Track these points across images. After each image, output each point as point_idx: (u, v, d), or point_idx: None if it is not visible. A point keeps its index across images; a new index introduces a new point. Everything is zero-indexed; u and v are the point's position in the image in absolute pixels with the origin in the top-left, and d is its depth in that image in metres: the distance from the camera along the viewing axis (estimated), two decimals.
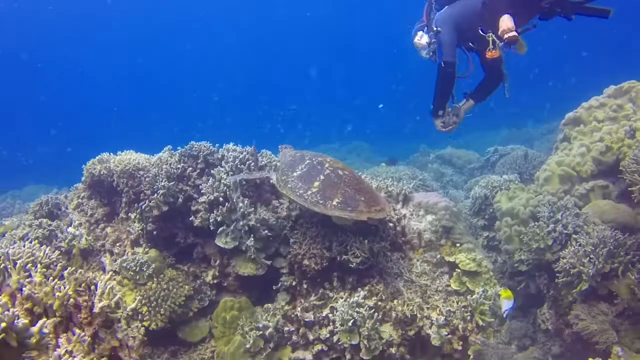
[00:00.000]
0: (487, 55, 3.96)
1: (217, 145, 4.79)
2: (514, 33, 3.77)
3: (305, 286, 4.09)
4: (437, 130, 4.69)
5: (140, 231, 4.40)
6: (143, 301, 3.96)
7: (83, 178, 4.98)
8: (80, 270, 2.55)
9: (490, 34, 3.94)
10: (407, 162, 14.25)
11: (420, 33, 4.67)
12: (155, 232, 4.39)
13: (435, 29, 4.34)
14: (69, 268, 2.45)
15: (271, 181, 4.73)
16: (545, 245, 4.92)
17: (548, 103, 18.54)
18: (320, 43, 46.30)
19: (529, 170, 9.97)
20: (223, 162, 4.53)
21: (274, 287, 4.22)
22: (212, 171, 4.42)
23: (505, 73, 4.46)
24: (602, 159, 5.54)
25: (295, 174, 3.97)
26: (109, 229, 4.68)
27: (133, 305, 3.05)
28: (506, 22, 3.80)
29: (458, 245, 4.73)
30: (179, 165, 4.49)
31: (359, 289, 3.90)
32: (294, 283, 4.15)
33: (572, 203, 5.11)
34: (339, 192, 3.74)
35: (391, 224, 4.51)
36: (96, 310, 2.31)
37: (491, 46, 3.92)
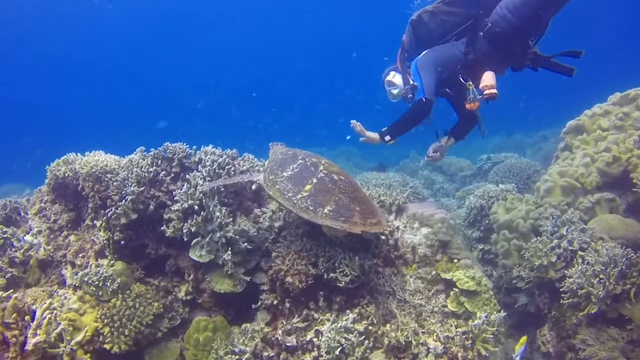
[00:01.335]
0: (466, 106, 3.98)
1: (194, 147, 4.36)
2: (495, 91, 3.85)
3: (287, 305, 3.68)
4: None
5: (105, 241, 3.94)
6: (105, 320, 3.51)
7: (47, 180, 4.52)
8: (16, 295, 2.11)
9: (470, 83, 3.94)
10: (397, 168, 13.89)
11: (392, 73, 4.66)
12: (122, 242, 3.94)
13: (412, 82, 4.30)
14: (1, 293, 2.00)
15: (255, 183, 4.31)
16: (549, 262, 4.56)
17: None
18: (310, 53, 46.37)
19: (524, 179, 9.66)
20: (200, 166, 4.11)
21: (253, 306, 3.81)
22: (187, 176, 3.99)
23: (479, 116, 4.51)
24: (607, 170, 5.21)
25: (285, 174, 3.56)
26: (72, 238, 4.22)
27: (79, 338, 2.61)
28: (490, 79, 3.87)
29: (455, 261, 4.35)
30: (151, 169, 4.04)
31: (348, 311, 3.49)
32: (275, 302, 3.74)
33: (577, 217, 4.76)
34: (332, 199, 3.34)
35: (383, 237, 4.13)
36: (29, 347, 1.88)
37: (471, 96, 3.92)
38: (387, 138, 4.31)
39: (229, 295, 3.86)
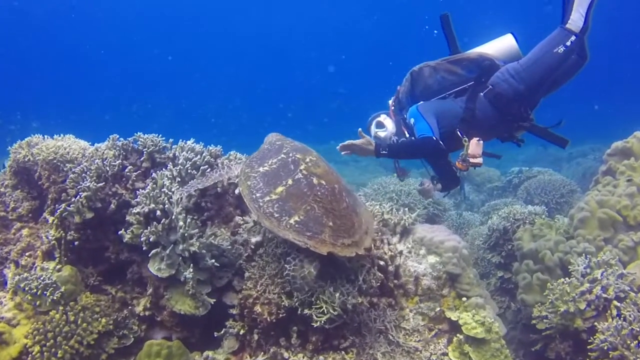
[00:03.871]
0: (457, 163, 3.87)
1: (170, 140, 3.78)
2: (480, 161, 3.80)
3: (256, 337, 3.09)
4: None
5: (55, 241, 3.41)
6: (37, 337, 2.98)
7: (8, 162, 4.03)
8: None
9: (466, 139, 3.79)
10: (420, 173, 13.11)
11: (384, 115, 4.48)
12: (76, 243, 3.41)
13: (409, 120, 4.05)
14: None
15: (234, 182, 3.71)
16: (576, 309, 3.82)
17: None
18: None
19: (556, 198, 8.81)
20: (171, 164, 3.53)
21: (216, 334, 3.23)
22: (154, 174, 3.41)
23: (460, 178, 4.34)
24: None
25: (262, 169, 2.98)
26: (24, 231, 3.71)
27: None
28: (474, 148, 3.78)
29: (465, 299, 3.68)
30: (115, 162, 3.49)
31: (322, 357, 2.88)
32: (242, 331, 3.16)
33: (616, 259, 4.00)
34: (303, 208, 2.73)
35: (382, 263, 3.49)
36: None
37: (465, 153, 3.77)
38: (384, 152, 3.88)
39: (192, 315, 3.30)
